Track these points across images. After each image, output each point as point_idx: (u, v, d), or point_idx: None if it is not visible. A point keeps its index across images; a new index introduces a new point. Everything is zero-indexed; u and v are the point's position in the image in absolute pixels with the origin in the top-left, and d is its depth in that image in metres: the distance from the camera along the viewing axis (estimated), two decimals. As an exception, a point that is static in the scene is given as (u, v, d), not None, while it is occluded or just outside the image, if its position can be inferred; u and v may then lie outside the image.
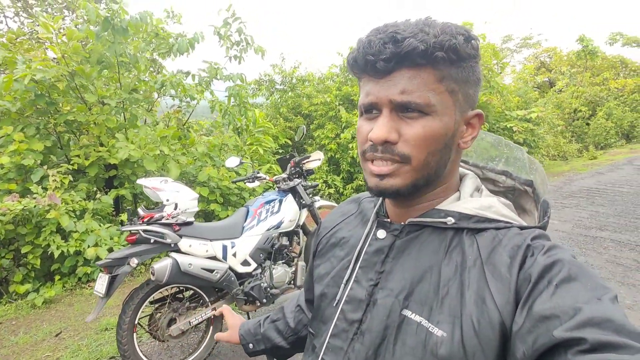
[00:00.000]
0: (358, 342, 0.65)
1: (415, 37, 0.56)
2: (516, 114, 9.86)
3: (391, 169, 0.61)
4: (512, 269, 0.56)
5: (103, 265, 2.16)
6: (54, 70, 3.99)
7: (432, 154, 0.61)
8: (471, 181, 0.71)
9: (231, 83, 5.63)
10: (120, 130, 4.62)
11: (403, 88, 0.58)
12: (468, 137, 0.65)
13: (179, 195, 2.36)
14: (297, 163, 2.99)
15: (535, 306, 0.50)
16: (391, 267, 0.67)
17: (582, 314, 0.46)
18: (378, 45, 0.57)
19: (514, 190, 0.75)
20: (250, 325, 1.04)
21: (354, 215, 0.82)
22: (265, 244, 2.71)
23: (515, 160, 0.77)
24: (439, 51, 0.56)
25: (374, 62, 0.58)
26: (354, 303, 0.68)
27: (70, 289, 3.89)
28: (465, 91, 0.62)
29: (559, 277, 0.51)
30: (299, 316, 0.98)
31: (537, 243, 0.58)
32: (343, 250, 0.77)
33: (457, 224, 0.64)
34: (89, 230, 3.92)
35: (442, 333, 0.56)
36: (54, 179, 3.94)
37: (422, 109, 0.58)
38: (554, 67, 21.39)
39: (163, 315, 2.38)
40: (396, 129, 0.60)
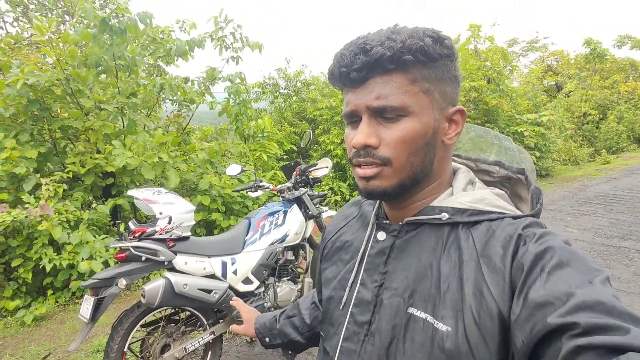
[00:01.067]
0: (369, 343, 0.67)
1: (382, 45, 0.59)
2: (527, 118, 9.61)
3: (375, 171, 0.63)
4: (505, 259, 0.57)
5: (88, 287, 1.94)
6: (47, 75, 3.81)
7: (414, 154, 0.63)
8: (463, 175, 0.72)
9: (230, 84, 5.45)
10: (119, 137, 4.43)
11: (378, 94, 0.61)
12: (452, 133, 0.67)
13: (174, 207, 2.14)
14: (303, 171, 2.77)
15: (530, 294, 0.51)
16: (394, 267, 0.68)
17: (575, 299, 0.47)
18: (349, 57, 0.61)
19: (509, 179, 0.77)
20: (266, 320, 1.08)
21: (356, 219, 0.84)
22: (269, 260, 2.49)
23: (506, 150, 0.80)
24: (407, 54, 0.59)
25: (348, 73, 0.62)
26: (362, 305, 0.70)
27: (63, 304, 3.68)
28: (442, 89, 0.64)
29: (550, 264, 0.52)
30: (314, 313, 1.01)
31: (528, 231, 0.59)
32: (348, 253, 0.80)
33: (451, 218, 0.65)
34: (83, 242, 3.71)
35: (447, 328, 0.58)
36: (47, 188, 3.75)
37: (398, 111, 0.61)
38: (562, 70, 21.11)
39: (156, 340, 2.15)
40: (376, 133, 0.62)
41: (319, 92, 8.28)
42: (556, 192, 8.03)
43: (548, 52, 22.29)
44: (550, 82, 20.47)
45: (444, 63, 0.63)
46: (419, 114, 0.61)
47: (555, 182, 9.53)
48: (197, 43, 4.85)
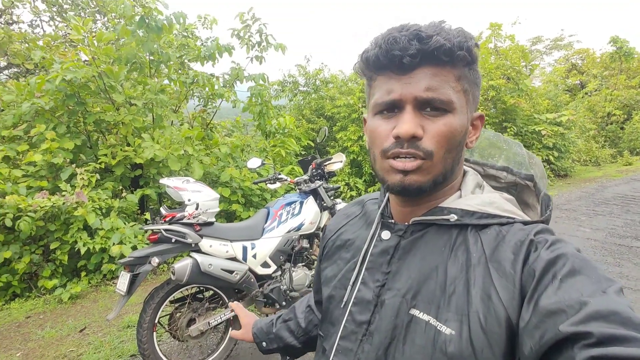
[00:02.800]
0: (367, 343, 0.66)
1: (440, 35, 0.57)
2: (545, 117, 9.55)
3: (416, 164, 0.61)
4: (516, 264, 0.56)
5: (125, 264, 2.18)
6: (83, 71, 4.10)
7: (449, 151, 0.62)
8: (472, 178, 0.71)
9: (253, 83, 5.68)
10: (147, 131, 4.70)
11: (427, 85, 0.59)
12: (473, 137, 0.68)
13: (200, 195, 2.36)
14: (318, 165, 2.96)
15: (541, 301, 0.50)
16: (397, 268, 0.67)
17: (588, 308, 0.46)
18: (404, 41, 0.58)
19: (516, 185, 0.75)
20: (263, 324, 1.06)
21: (358, 217, 0.83)
22: (286, 246, 2.69)
23: (514, 156, 0.79)
24: (460, 50, 0.58)
25: (401, 58, 0.58)
26: (362, 304, 0.69)
27: (95, 286, 3.98)
28: (474, 92, 0.65)
29: (563, 271, 0.51)
30: (309, 316, 1.00)
31: (540, 238, 0.58)
32: (349, 252, 0.78)
33: (459, 220, 0.64)
34: (114, 228, 4.00)
35: (451, 331, 0.57)
36: (82, 177, 4.04)
37: (444, 106, 0.60)
38: (586, 69, 20.64)
39: (183, 315, 2.38)
40: (420, 125, 0.60)
41: (337, 90, 8.44)
42: (573, 193, 8.00)
43: (573, 50, 21.81)
44: (574, 81, 20.06)
45: (476, 68, 0.64)
46: (459, 112, 0.62)
47: (573, 182, 9.47)
48: (227, 49, 5.08)
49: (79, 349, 2.82)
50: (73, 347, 2.84)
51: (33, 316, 3.38)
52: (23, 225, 3.44)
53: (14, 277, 3.69)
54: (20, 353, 2.80)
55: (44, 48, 4.81)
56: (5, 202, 3.45)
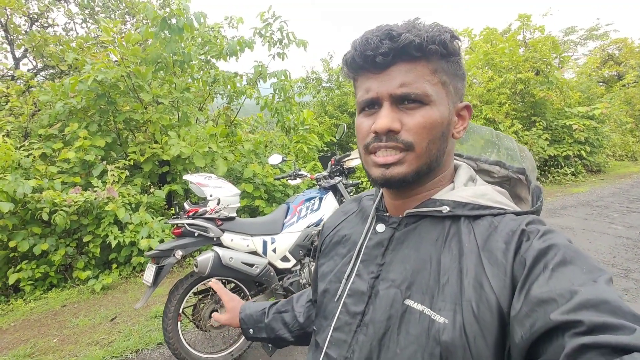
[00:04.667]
0: (362, 333, 0.67)
1: (410, 32, 0.60)
2: (577, 111, 9.21)
3: (397, 157, 0.64)
4: (507, 254, 0.57)
5: (151, 256, 2.28)
6: (113, 72, 4.27)
7: (432, 142, 0.64)
8: (465, 171, 0.73)
9: (276, 80, 5.75)
10: (174, 128, 4.85)
11: (401, 81, 0.62)
12: (460, 127, 0.69)
13: (222, 191, 2.44)
14: (337, 161, 2.99)
15: (532, 290, 0.51)
16: (391, 259, 0.68)
17: (578, 297, 0.46)
18: (375, 41, 0.61)
19: (509, 179, 0.77)
20: (252, 311, 1.03)
21: (355, 214, 0.85)
22: (305, 241, 2.74)
23: (507, 150, 0.81)
24: (432, 44, 0.61)
25: (373, 57, 0.62)
26: (356, 296, 0.70)
27: (125, 277, 4.16)
28: (455, 84, 0.66)
29: (554, 261, 0.52)
30: (309, 312, 0.98)
31: (532, 228, 0.59)
32: (345, 247, 0.79)
33: (452, 211, 0.66)
34: (143, 223, 4.16)
35: (444, 320, 0.57)
36: (113, 174, 4.23)
37: (420, 99, 0.62)
38: (624, 59, 19.71)
39: (206, 306, 2.47)
40: (398, 119, 0.63)
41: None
42: (606, 189, 7.71)
43: (609, 40, 20.85)
44: (610, 72, 19.21)
45: (457, 60, 0.66)
46: (437, 103, 0.63)
47: (607, 178, 9.11)
48: (248, 44, 5.16)
49: (110, 337, 2.97)
50: (105, 335, 3.00)
51: (68, 305, 3.57)
52: (58, 219, 3.63)
53: (50, 269, 3.90)
54: (57, 339, 2.98)
55: (76, 50, 5.03)
56: (42, 197, 3.65)
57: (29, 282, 3.80)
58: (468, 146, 0.90)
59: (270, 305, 1.04)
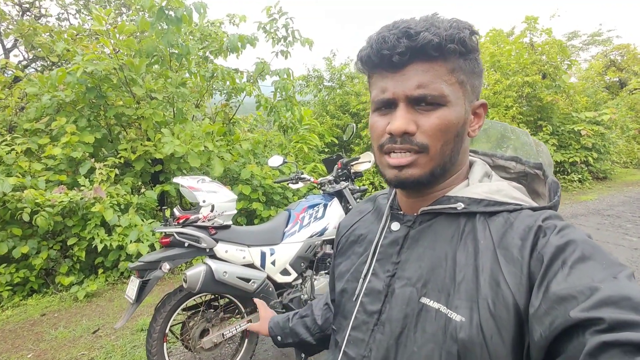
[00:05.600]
0: (379, 332, 0.66)
1: (429, 31, 0.58)
2: (585, 116, 8.98)
3: (410, 159, 0.62)
4: (523, 250, 0.56)
5: (135, 269, 2.02)
6: (104, 63, 4.00)
7: (447, 143, 0.62)
8: (479, 167, 0.72)
9: (277, 78, 5.50)
10: (168, 125, 4.59)
11: (418, 82, 0.60)
12: (476, 126, 0.68)
13: (217, 196, 2.18)
14: (344, 165, 2.73)
15: (551, 287, 0.50)
16: (407, 257, 0.68)
17: (599, 294, 0.45)
18: (392, 40, 0.59)
19: (526, 175, 0.75)
20: (279, 319, 1.10)
21: (370, 213, 0.84)
22: (307, 252, 2.48)
23: (522, 145, 0.81)
24: (451, 43, 0.58)
25: (390, 57, 0.60)
26: (373, 295, 0.69)
27: (112, 284, 3.89)
28: (472, 82, 0.64)
29: (573, 257, 0.51)
30: (326, 314, 1.00)
31: (549, 223, 0.58)
32: (361, 246, 0.79)
33: (467, 208, 0.64)
34: (132, 225, 3.89)
35: (461, 318, 0.57)
36: (101, 172, 3.96)
37: (437, 100, 0.60)
38: (626, 66, 19.56)
39: (196, 324, 2.21)
40: (413, 120, 0.61)
41: (364, 86, 8.17)
42: (615, 197, 7.49)
43: (612, 45, 20.71)
44: (612, 78, 19.06)
45: (475, 57, 0.63)
46: (454, 104, 0.62)
47: (614, 185, 8.89)
48: (250, 40, 4.91)
49: (90, 353, 2.70)
50: (85, 350, 2.73)
51: (48, 314, 3.30)
52: (40, 220, 3.36)
53: (31, 273, 3.63)
54: (32, 354, 2.71)
55: (67, 40, 4.75)
56: (23, 196, 3.38)
57: (7, 288, 3.53)
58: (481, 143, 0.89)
59: (294, 312, 1.09)
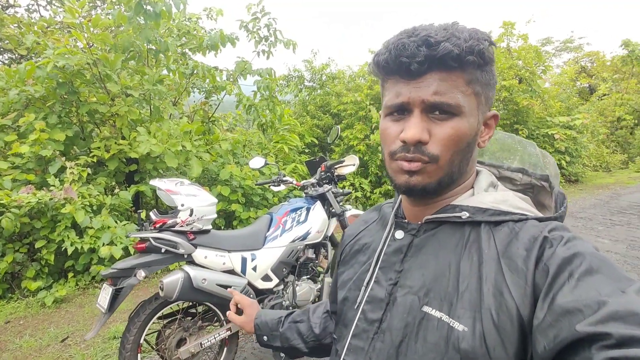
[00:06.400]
0: (379, 340, 0.65)
1: (449, 41, 0.57)
2: (558, 120, 9.24)
3: (420, 166, 0.62)
4: (528, 261, 0.55)
5: (107, 276, 1.91)
6: (77, 58, 3.82)
7: (457, 153, 0.62)
8: (485, 177, 0.71)
9: (258, 77, 5.42)
10: (144, 124, 4.43)
11: (435, 89, 0.59)
12: (486, 137, 0.68)
13: (196, 200, 2.08)
14: (328, 167, 2.68)
15: (557, 300, 0.49)
16: (410, 265, 0.67)
17: (607, 308, 0.44)
18: (412, 48, 0.58)
19: (532, 187, 0.75)
20: (268, 318, 1.03)
21: (376, 222, 0.83)
22: (290, 257, 2.42)
23: (529, 157, 0.79)
24: (470, 55, 0.58)
25: (409, 65, 0.59)
26: (374, 303, 0.68)
27: (83, 288, 3.72)
28: (487, 94, 0.64)
29: (580, 270, 0.50)
30: (325, 323, 0.97)
31: (555, 234, 0.57)
32: (365, 255, 0.78)
33: (472, 217, 0.64)
34: (104, 227, 3.73)
35: (464, 328, 0.56)
36: (72, 172, 3.78)
37: (452, 110, 0.60)
38: (596, 72, 20.27)
39: (172, 334, 2.11)
40: (427, 129, 0.61)
41: (344, 87, 8.14)
42: (587, 200, 7.72)
43: (583, 52, 21.42)
44: (583, 84, 19.70)
45: (491, 69, 0.64)
46: (468, 115, 0.61)
47: (585, 188, 9.18)
48: (230, 39, 4.81)
49: (58, 363, 2.56)
50: (52, 360, 2.58)
51: (13, 321, 3.12)
52: (5, 222, 3.18)
53: (-5, 278, 3.43)
54: (-6, 365, 2.55)
55: (37, 33, 4.53)
56: (-14, 196, 3.19)
57: (-32, 294, 3.32)
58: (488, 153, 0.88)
59: (286, 314, 1.03)
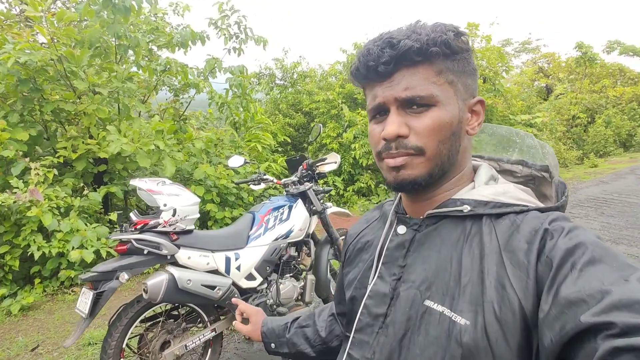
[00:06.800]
0: (382, 334, 0.66)
1: (410, 38, 0.60)
2: (520, 119, 9.66)
3: (406, 159, 0.63)
4: (529, 254, 0.56)
5: (87, 280, 1.85)
6: (40, 53, 3.64)
7: (443, 142, 0.63)
8: (485, 170, 0.71)
9: (230, 76, 5.36)
10: (112, 122, 4.28)
11: (406, 85, 0.61)
12: (475, 123, 0.68)
13: (179, 199, 2.04)
14: (310, 165, 2.69)
15: (561, 291, 0.49)
16: (413, 260, 0.67)
17: (610, 297, 0.44)
18: (376, 51, 0.62)
19: (533, 178, 0.75)
20: (274, 325, 1.03)
21: (377, 220, 0.84)
22: (273, 256, 2.41)
23: (528, 148, 0.80)
24: (433, 47, 0.60)
25: (375, 67, 0.62)
26: (378, 298, 0.69)
27: (51, 294, 3.56)
28: (464, 81, 0.65)
29: (582, 260, 0.50)
30: (331, 326, 0.97)
31: (556, 226, 0.57)
32: (368, 253, 0.79)
33: (473, 211, 0.64)
34: (73, 230, 3.58)
35: (465, 321, 0.56)
36: (37, 173, 3.60)
37: (426, 101, 0.62)
38: (552, 73, 21.30)
39: (155, 336, 2.07)
40: (405, 123, 0.62)
41: (316, 85, 8.17)
42: (547, 194, 8.10)
43: (540, 54, 22.45)
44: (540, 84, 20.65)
45: (464, 56, 0.64)
46: (445, 104, 0.62)
47: (545, 183, 9.62)
48: (201, 37, 4.73)
49: (30, 373, 2.44)
50: (23, 371, 2.47)
51: (-24, 332, 2.95)
52: (-35, 227, 2.99)
53: (-46, 286, 3.23)
54: (-41, 379, 2.40)
55: (-6, 26, 4.28)
56: (-57, 200, 2.99)
57: None
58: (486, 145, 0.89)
59: (292, 320, 1.03)
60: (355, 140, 6.76)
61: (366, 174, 6.93)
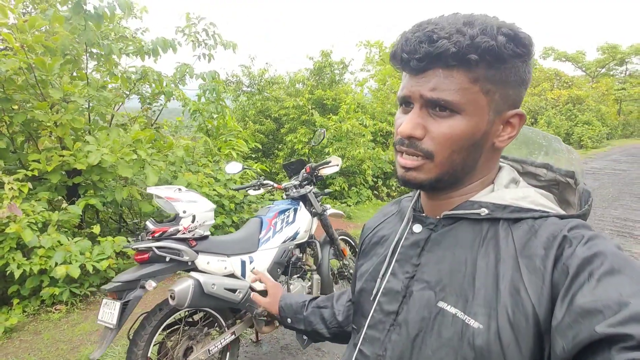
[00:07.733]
0: (395, 332, 0.67)
1: (450, 39, 0.56)
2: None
3: (415, 163, 0.63)
4: (546, 261, 0.55)
5: (111, 290, 1.83)
6: (10, 62, 3.47)
7: (457, 152, 0.62)
8: (506, 173, 0.70)
9: (202, 82, 5.35)
10: (90, 132, 4.13)
11: (435, 85, 0.59)
12: (505, 136, 0.64)
13: (197, 206, 2.07)
14: (313, 169, 2.78)
15: (576, 300, 0.49)
16: (427, 260, 0.67)
17: (628, 309, 0.44)
18: (414, 43, 0.58)
19: (557, 183, 0.73)
20: (292, 301, 1.05)
21: (394, 215, 0.84)
22: (282, 258, 2.48)
23: (554, 152, 0.77)
24: (472, 53, 0.56)
25: (408, 60, 0.60)
26: (390, 295, 0.70)
27: (32, 314, 3.37)
28: (504, 92, 0.61)
29: (601, 270, 0.49)
30: (349, 311, 0.98)
31: (575, 233, 0.56)
32: (383, 247, 0.79)
33: (490, 214, 0.63)
34: (54, 246, 3.42)
35: (479, 325, 0.56)
36: (11, 187, 3.41)
37: (451, 107, 0.59)
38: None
39: (177, 343, 2.07)
40: (423, 125, 0.61)
41: (284, 91, 8.24)
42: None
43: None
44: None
45: (514, 64, 0.59)
46: (472, 114, 0.60)
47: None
48: (172, 45, 4.68)
49: (31, 395, 2.34)
50: (23, 394, 2.35)
51: (-43, 359, 2.75)
52: (-61, 247, 2.79)
53: None
54: (-50, 408, 2.25)
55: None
56: None
57: None
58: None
59: (310, 298, 1.05)
60: (329, 145, 6.89)
61: (339, 178, 7.08)
